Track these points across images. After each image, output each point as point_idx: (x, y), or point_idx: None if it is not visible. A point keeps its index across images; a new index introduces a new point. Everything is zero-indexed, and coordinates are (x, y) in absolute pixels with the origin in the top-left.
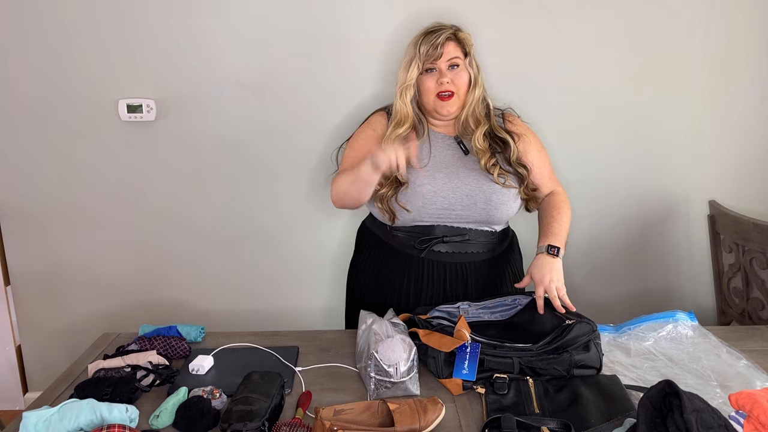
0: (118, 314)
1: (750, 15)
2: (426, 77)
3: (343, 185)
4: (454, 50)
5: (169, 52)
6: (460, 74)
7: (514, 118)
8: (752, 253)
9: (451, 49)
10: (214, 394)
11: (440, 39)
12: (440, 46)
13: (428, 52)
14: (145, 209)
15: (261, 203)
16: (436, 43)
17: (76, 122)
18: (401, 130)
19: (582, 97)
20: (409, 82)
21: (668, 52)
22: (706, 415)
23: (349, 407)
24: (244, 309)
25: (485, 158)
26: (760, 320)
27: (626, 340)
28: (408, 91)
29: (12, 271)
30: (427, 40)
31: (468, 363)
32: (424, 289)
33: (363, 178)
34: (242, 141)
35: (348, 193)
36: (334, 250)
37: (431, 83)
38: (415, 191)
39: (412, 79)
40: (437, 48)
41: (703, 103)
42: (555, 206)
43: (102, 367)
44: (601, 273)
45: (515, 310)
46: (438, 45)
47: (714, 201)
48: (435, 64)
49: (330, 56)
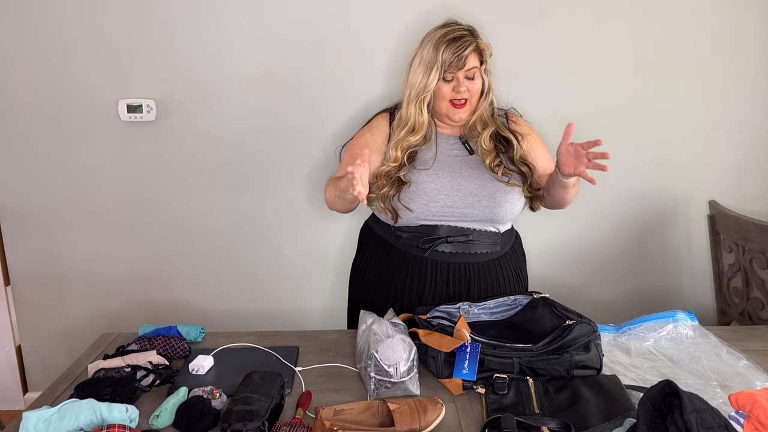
0: (118, 314)
1: (750, 15)
2: (443, 84)
3: (330, 194)
4: (474, 60)
5: (169, 52)
6: (475, 82)
7: (517, 118)
8: (752, 253)
9: (472, 60)
10: (214, 394)
11: (467, 51)
12: (465, 58)
13: (452, 62)
14: (145, 209)
15: (261, 203)
16: (462, 55)
17: (76, 122)
18: (414, 138)
19: (582, 98)
20: (428, 91)
21: (668, 52)
22: (706, 415)
23: (349, 407)
24: (244, 309)
25: (490, 158)
26: (760, 320)
27: (626, 340)
28: (427, 99)
29: (12, 271)
30: (450, 49)
31: (468, 363)
32: (426, 290)
33: (345, 197)
34: (242, 141)
35: (334, 203)
36: (335, 250)
37: (447, 90)
38: (419, 189)
39: (431, 87)
40: (461, 59)
41: (703, 103)
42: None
43: (102, 367)
44: (601, 273)
45: (515, 310)
46: (463, 57)
47: (714, 201)
48: (455, 73)
49: (331, 56)
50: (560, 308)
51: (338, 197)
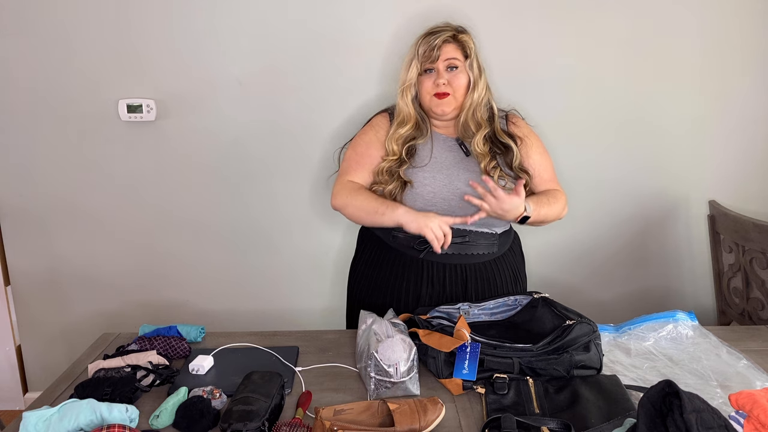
0: (118, 314)
1: (750, 15)
2: (424, 77)
3: (357, 211)
4: (453, 52)
5: (169, 52)
6: (458, 76)
7: (518, 119)
8: (752, 253)
9: (450, 51)
10: (214, 394)
11: (438, 41)
12: (437, 48)
13: (426, 53)
14: (145, 209)
15: (261, 203)
16: (434, 45)
17: (76, 122)
18: (404, 130)
19: (582, 98)
20: (409, 83)
21: (668, 52)
22: (706, 415)
23: (349, 407)
24: (244, 309)
25: (485, 161)
26: (760, 320)
27: (626, 340)
28: (408, 91)
29: (12, 271)
30: (425, 41)
31: (468, 363)
32: (423, 291)
33: (382, 221)
34: (242, 141)
35: (360, 218)
36: (335, 250)
37: (428, 83)
38: (416, 193)
39: (411, 79)
40: (434, 50)
41: (703, 103)
42: (553, 196)
43: (102, 367)
44: (602, 273)
45: (515, 310)
46: (435, 47)
47: (714, 201)
48: (433, 65)
49: (332, 56)
50: (560, 308)
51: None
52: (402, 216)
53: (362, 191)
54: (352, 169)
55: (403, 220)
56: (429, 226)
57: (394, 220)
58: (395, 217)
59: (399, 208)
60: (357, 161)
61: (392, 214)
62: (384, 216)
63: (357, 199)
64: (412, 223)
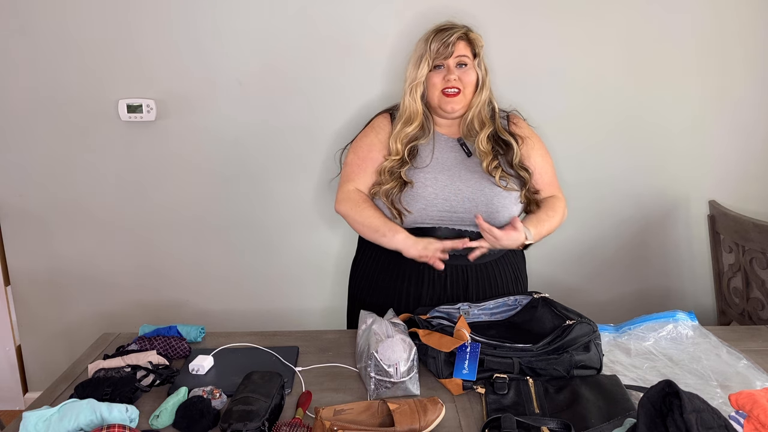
0: (118, 314)
1: (750, 15)
2: (434, 74)
3: (358, 225)
4: (464, 49)
5: (169, 52)
6: (468, 73)
7: (519, 120)
8: (752, 253)
9: (461, 48)
10: (214, 394)
11: (452, 38)
12: (452, 44)
13: (439, 49)
14: (145, 209)
15: (262, 203)
16: (448, 42)
17: (77, 122)
18: (410, 128)
19: (582, 97)
20: (419, 80)
21: (668, 52)
22: (706, 415)
23: (349, 407)
24: (244, 309)
25: (487, 160)
26: (760, 320)
27: (626, 340)
28: (418, 88)
29: (12, 271)
30: (438, 38)
31: (468, 363)
32: (424, 291)
33: (381, 242)
34: (242, 141)
35: (361, 232)
36: (335, 250)
37: (438, 79)
38: (417, 193)
39: (422, 76)
40: (448, 46)
41: (703, 103)
42: (552, 208)
43: (102, 367)
44: (601, 273)
45: (515, 310)
46: (450, 43)
47: (714, 201)
48: (444, 61)
49: (332, 56)
50: (560, 308)
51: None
52: (401, 242)
53: (366, 205)
54: (355, 174)
55: (402, 246)
56: (427, 254)
57: (393, 245)
58: (394, 243)
59: (399, 233)
60: (359, 165)
61: (392, 238)
62: (384, 237)
63: (360, 214)
64: (411, 249)
